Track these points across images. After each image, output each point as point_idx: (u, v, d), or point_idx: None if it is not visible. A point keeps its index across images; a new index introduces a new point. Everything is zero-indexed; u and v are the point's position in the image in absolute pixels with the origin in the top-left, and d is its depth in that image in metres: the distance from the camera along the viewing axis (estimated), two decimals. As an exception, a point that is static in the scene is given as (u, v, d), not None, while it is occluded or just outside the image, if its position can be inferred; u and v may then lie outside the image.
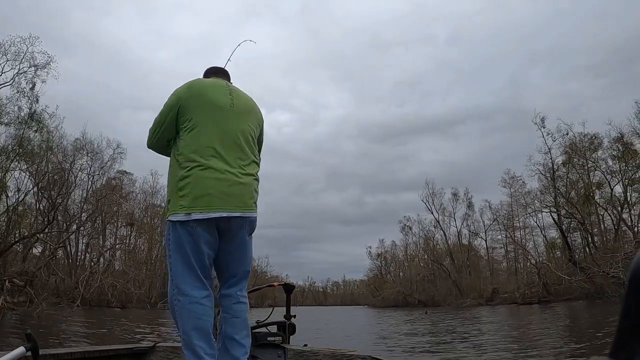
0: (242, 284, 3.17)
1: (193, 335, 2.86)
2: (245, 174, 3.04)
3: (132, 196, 62.52)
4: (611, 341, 0.74)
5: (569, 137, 49.66)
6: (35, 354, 2.57)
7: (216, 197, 2.91)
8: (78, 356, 3.39)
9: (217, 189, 2.92)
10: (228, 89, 3.26)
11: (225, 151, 3.01)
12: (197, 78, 3.32)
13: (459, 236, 73.91)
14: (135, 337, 15.32)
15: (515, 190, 64.70)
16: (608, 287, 35.89)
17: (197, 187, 2.91)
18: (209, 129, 3.05)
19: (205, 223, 2.92)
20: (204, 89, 3.16)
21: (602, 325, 16.96)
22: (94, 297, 43.61)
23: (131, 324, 22.82)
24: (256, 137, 3.26)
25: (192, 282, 2.95)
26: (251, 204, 3.06)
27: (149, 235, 62.81)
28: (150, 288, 56.55)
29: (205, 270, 3.01)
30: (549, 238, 57.51)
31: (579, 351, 10.42)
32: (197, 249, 2.95)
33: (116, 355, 3.72)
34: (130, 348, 3.86)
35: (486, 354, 10.84)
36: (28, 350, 2.52)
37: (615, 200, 49.11)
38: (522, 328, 19.40)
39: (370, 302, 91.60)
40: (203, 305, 2.92)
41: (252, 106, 3.32)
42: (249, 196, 3.04)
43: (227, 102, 3.15)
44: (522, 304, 45.40)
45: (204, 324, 2.88)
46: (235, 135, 3.08)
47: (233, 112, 3.14)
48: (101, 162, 52.54)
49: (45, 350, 3.03)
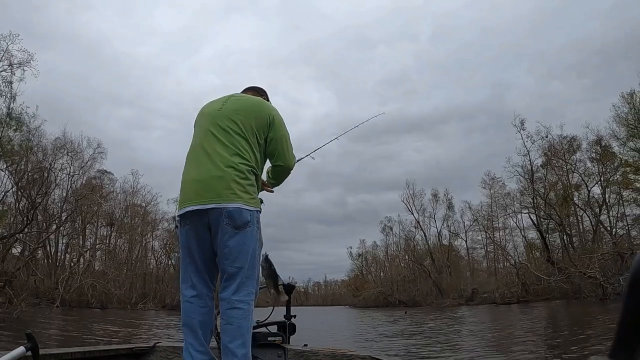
0: (235, 285, 2.98)
1: (184, 331, 3.02)
2: (226, 167, 3.03)
3: (113, 196, 61.88)
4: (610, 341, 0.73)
5: (548, 140, 50.32)
6: (35, 354, 2.58)
7: (188, 192, 3.06)
8: (78, 356, 3.37)
9: (190, 185, 3.07)
10: (227, 97, 3.41)
11: (204, 151, 3.12)
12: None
13: (439, 237, 74.30)
14: (113, 340, 15.27)
15: (495, 191, 65.39)
16: (585, 287, 36.41)
17: (180, 189, 3.13)
18: (195, 137, 3.30)
19: (189, 220, 3.02)
20: (204, 107, 3.45)
21: (578, 325, 17.29)
22: (73, 298, 43.31)
23: (111, 325, 22.65)
24: (250, 132, 3.20)
25: (184, 281, 3.10)
26: (227, 194, 2.98)
27: (130, 236, 62.40)
28: (131, 289, 56.14)
29: (197, 269, 3.08)
30: (528, 239, 58.06)
31: (556, 351, 10.62)
32: (188, 248, 3.07)
33: (116, 355, 3.71)
34: (130, 348, 3.85)
35: (460, 354, 11.01)
36: (28, 350, 2.53)
37: (594, 202, 49.81)
38: (498, 327, 19.66)
39: (351, 303, 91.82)
40: (191, 303, 3.03)
41: (249, 106, 3.32)
42: (225, 187, 2.98)
43: (216, 108, 3.30)
44: (501, 304, 45.85)
45: (191, 322, 2.99)
46: (219, 133, 3.15)
47: (220, 114, 3.24)
48: (81, 162, 52.24)
49: (45, 350, 3.03)
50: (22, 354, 2.47)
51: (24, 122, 37.25)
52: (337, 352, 3.48)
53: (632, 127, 43.10)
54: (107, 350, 3.71)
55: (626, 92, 43.74)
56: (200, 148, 3.17)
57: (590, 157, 50.04)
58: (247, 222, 3.01)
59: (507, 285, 52.07)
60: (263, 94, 3.73)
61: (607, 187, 48.92)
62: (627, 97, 43.72)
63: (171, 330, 20.63)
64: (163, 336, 16.17)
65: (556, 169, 51.74)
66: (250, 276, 3.02)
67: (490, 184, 65.37)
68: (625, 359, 0.72)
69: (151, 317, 32.82)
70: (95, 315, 31.38)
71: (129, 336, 16.79)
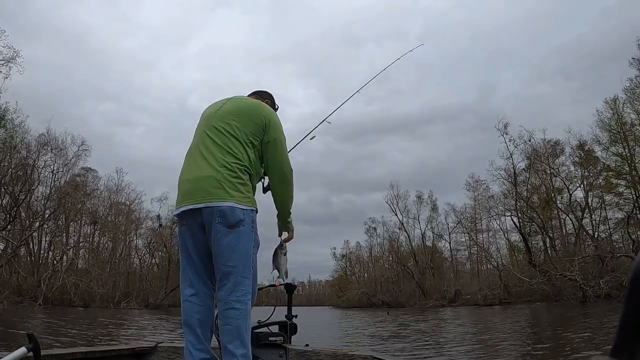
0: (230, 285, 2.97)
1: (184, 330, 3.07)
2: (219, 167, 3.05)
3: (97, 194, 61.53)
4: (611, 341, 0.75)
5: (531, 144, 50.80)
6: (37, 354, 2.58)
7: (183, 193, 3.12)
8: (80, 356, 3.41)
9: (185, 185, 3.13)
10: (227, 100, 3.47)
11: (199, 152, 3.18)
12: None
13: (423, 238, 74.53)
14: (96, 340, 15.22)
15: (479, 193, 65.83)
16: (566, 289, 36.78)
17: (177, 189, 3.21)
18: (193, 139, 3.37)
19: (185, 220, 3.09)
20: (205, 109, 3.52)
21: (556, 326, 17.53)
22: (56, 296, 43.07)
23: (87, 326, 22.50)
24: (244, 133, 3.21)
25: (184, 280, 3.15)
26: (219, 193, 3.00)
27: (113, 234, 62.10)
28: (114, 287, 55.82)
29: (195, 268, 3.11)
30: (511, 241, 58.47)
31: (534, 352, 10.79)
32: (184, 247, 3.14)
33: (118, 355, 3.75)
34: (132, 348, 3.87)
35: (460, 354, 11.16)
36: (29, 351, 2.53)
37: (577, 206, 50.37)
38: (481, 328, 19.83)
39: (335, 303, 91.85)
40: (190, 302, 3.07)
41: (244, 108, 3.34)
42: (216, 185, 3.00)
43: (214, 110, 3.38)
44: (484, 305, 46.14)
45: (191, 321, 3.03)
46: (213, 134, 3.20)
47: (216, 116, 3.30)
48: (65, 159, 52.02)
49: (47, 350, 3.05)
50: (23, 355, 2.49)
51: (8, 120, 37.01)
52: (338, 352, 3.54)
53: (614, 132, 43.71)
54: (108, 350, 3.75)
55: (609, 98, 44.45)
56: (196, 149, 3.22)
57: (574, 161, 50.74)
58: (240, 221, 3.01)
59: (490, 287, 52.42)
60: (266, 97, 3.76)
61: (590, 191, 49.52)
62: (610, 103, 44.38)
63: (158, 329, 20.54)
64: (140, 337, 16.18)
65: (539, 173, 52.26)
66: (246, 276, 3.01)
67: (475, 186, 65.87)
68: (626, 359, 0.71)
69: (134, 316, 32.68)
70: (77, 314, 31.21)
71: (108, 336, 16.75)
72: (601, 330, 13.64)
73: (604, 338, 11.39)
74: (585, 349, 9.84)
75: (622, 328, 0.75)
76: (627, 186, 44.10)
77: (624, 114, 43.41)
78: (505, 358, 9.92)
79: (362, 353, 3.50)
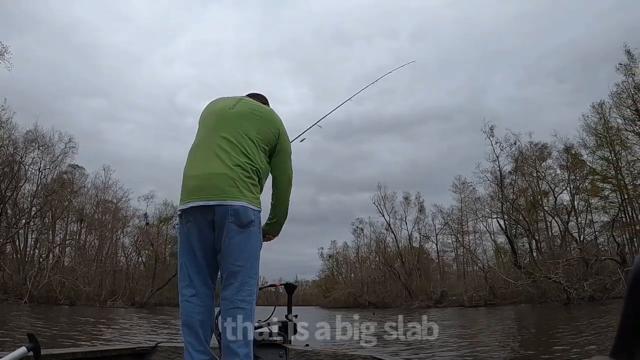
0: (237, 284, 2.96)
1: (184, 331, 3.01)
2: (234, 165, 3.03)
3: (84, 191, 61.14)
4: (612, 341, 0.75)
5: (517, 147, 51.23)
6: (37, 354, 2.59)
7: (192, 188, 3.04)
8: (80, 356, 3.39)
9: (195, 181, 3.05)
10: (239, 99, 3.45)
11: (211, 148, 3.12)
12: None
13: (409, 239, 74.63)
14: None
15: (466, 195, 66.11)
16: (550, 292, 37.13)
17: (182, 184, 3.13)
18: (202, 133, 3.31)
19: (192, 216, 2.99)
20: (213, 104, 3.48)
21: (538, 328, 17.69)
22: (42, 294, 42.84)
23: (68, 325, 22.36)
24: (258, 137, 3.22)
25: (183, 280, 3.07)
26: (233, 192, 2.97)
27: (100, 232, 61.78)
28: (100, 285, 55.50)
29: (198, 267, 3.04)
30: (498, 243, 58.79)
31: (515, 354, 10.91)
32: (188, 244, 3.04)
33: (118, 355, 3.71)
34: (132, 348, 3.85)
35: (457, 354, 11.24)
36: (30, 351, 2.54)
37: (563, 209, 50.83)
38: (459, 329, 19.96)
39: (321, 303, 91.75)
40: (190, 302, 3.01)
41: (260, 113, 3.34)
42: (230, 184, 2.97)
43: (227, 107, 3.33)
44: (469, 307, 46.41)
45: (191, 321, 2.98)
46: (228, 132, 3.16)
47: (231, 114, 3.26)
48: (52, 156, 51.65)
49: (47, 350, 3.04)
50: (23, 354, 2.50)
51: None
52: (338, 352, 3.56)
53: (601, 137, 44.19)
54: (108, 350, 3.75)
55: (596, 103, 44.99)
56: (208, 144, 3.17)
57: (561, 164, 51.22)
58: (252, 221, 3.00)
59: (476, 288, 52.75)
60: (265, 102, 3.71)
61: (576, 195, 50.02)
62: (597, 107, 44.89)
63: (143, 329, 20.48)
64: (121, 338, 16.10)
65: (526, 176, 52.67)
66: (252, 276, 2.99)
67: (461, 188, 66.15)
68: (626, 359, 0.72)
69: (120, 315, 32.53)
70: (62, 313, 31.04)
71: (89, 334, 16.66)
72: (582, 333, 13.83)
73: (586, 340, 11.56)
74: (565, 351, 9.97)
75: (621, 328, 0.75)
76: (612, 190, 44.60)
77: (610, 119, 43.97)
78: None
79: (362, 353, 3.53)
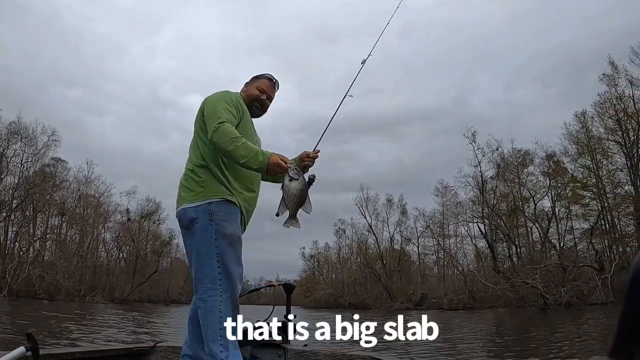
0: (194, 285, 3.04)
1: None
2: (184, 173, 3.22)
3: (66, 185, 60.58)
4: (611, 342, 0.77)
5: (499, 153, 51.79)
6: (36, 354, 2.60)
7: None
8: (79, 356, 3.43)
9: None
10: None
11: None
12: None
13: (391, 241, 74.81)
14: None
15: (448, 199, 66.44)
16: (528, 296, 37.48)
17: None
18: None
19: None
20: None
21: (510, 333, 17.92)
22: (21, 288, 42.55)
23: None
24: (195, 127, 3.29)
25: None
26: (178, 199, 3.16)
27: (81, 226, 61.32)
28: (81, 280, 55.06)
29: (191, 267, 3.10)
30: (478, 247, 59.15)
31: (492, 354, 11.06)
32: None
33: (117, 355, 3.77)
34: (130, 348, 3.88)
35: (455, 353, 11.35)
36: (28, 350, 2.55)
37: (543, 215, 51.36)
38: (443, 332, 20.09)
39: (302, 303, 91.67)
40: (193, 301, 3.13)
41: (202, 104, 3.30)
42: (179, 191, 3.17)
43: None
44: (448, 310, 46.65)
45: (190, 318, 3.22)
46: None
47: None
48: (35, 149, 51.45)
49: (46, 350, 3.08)
50: (22, 354, 2.51)
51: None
52: (337, 353, 3.62)
53: (582, 145, 44.79)
54: (107, 350, 3.80)
55: (579, 112, 45.62)
56: None
57: (543, 171, 51.78)
58: (193, 220, 3.03)
59: (455, 291, 53.08)
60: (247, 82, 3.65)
61: (557, 202, 50.58)
62: (580, 116, 45.51)
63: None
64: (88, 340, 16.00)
65: (508, 182, 53.16)
66: (206, 273, 2.97)
67: (443, 192, 66.45)
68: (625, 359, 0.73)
69: (98, 311, 32.27)
70: (41, 307, 30.79)
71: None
72: (550, 337, 14.09)
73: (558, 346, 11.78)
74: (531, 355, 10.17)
75: (620, 329, 0.76)
76: (592, 198, 45.17)
77: (592, 128, 44.60)
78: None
79: (360, 353, 3.58)
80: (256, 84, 3.58)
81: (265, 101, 3.58)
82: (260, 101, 3.55)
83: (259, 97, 3.53)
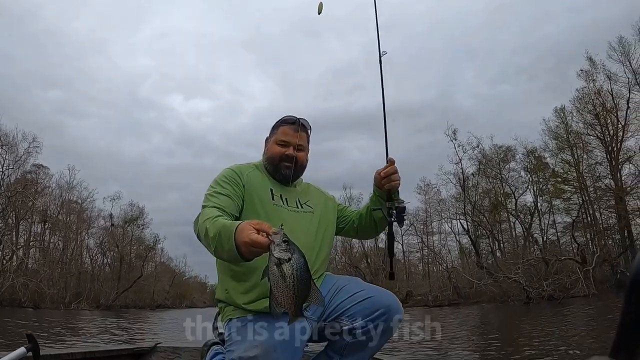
0: None
1: None
2: None
3: (48, 191, 60.02)
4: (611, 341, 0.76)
5: (480, 149, 52.07)
6: (36, 354, 2.62)
7: None
8: (79, 357, 3.41)
9: None
10: None
11: None
12: None
13: (375, 240, 74.93)
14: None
15: (431, 197, 66.73)
16: (511, 291, 37.82)
17: None
18: None
19: None
20: None
21: (486, 326, 18.12)
22: (5, 297, 42.13)
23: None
24: None
25: None
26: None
27: (64, 233, 60.83)
28: (65, 288, 54.65)
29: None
30: (462, 243, 59.46)
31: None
32: None
33: (117, 355, 3.75)
34: (131, 349, 3.89)
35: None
36: (29, 351, 2.57)
37: (526, 210, 51.83)
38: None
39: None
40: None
41: None
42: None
43: None
44: (433, 306, 46.87)
45: None
46: None
47: None
48: (16, 156, 51.10)
49: (46, 350, 3.10)
50: (22, 355, 2.54)
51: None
52: None
53: (562, 140, 45.37)
54: (107, 350, 3.82)
55: (558, 107, 46.17)
56: None
57: (524, 167, 52.26)
58: None
59: (440, 288, 53.33)
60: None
61: (539, 196, 51.07)
62: (559, 112, 46.07)
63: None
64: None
65: (489, 178, 53.57)
66: None
67: (426, 189, 66.73)
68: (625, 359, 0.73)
69: (84, 318, 32.08)
70: (26, 316, 30.56)
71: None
72: (521, 332, 14.33)
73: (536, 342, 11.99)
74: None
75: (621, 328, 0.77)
76: (573, 192, 45.74)
77: (572, 123, 45.18)
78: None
79: None
80: (275, 137, 2.95)
81: (292, 155, 2.89)
82: (286, 158, 2.88)
83: (284, 154, 2.88)
